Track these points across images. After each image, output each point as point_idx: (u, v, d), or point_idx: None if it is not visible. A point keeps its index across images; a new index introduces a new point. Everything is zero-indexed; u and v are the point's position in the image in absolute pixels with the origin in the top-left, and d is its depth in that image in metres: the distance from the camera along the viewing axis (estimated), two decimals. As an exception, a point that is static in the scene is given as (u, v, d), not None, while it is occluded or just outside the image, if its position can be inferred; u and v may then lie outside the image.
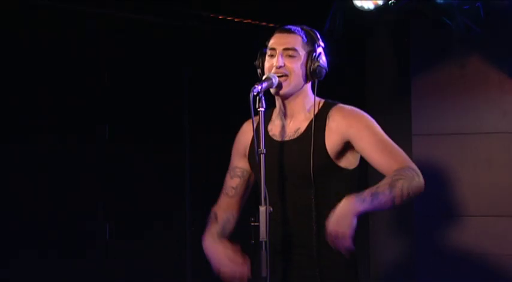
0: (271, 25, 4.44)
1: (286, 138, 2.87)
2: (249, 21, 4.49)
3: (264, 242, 2.57)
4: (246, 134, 3.01)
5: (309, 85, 2.89)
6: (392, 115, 4.55)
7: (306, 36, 2.86)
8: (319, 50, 2.87)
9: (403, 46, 4.54)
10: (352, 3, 4.05)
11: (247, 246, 2.74)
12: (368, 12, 4.05)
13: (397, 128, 4.55)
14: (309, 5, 4.34)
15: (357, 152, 2.84)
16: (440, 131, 4.46)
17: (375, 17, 4.14)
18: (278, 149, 2.85)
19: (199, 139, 4.41)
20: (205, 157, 4.39)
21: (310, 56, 2.84)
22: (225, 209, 3.02)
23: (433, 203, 4.46)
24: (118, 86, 4.19)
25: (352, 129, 2.80)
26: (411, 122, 4.51)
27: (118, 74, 4.18)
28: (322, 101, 2.90)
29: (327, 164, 2.80)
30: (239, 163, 3.02)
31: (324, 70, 2.87)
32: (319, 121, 2.83)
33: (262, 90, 2.69)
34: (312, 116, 2.84)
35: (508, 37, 4.27)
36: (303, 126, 2.85)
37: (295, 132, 2.86)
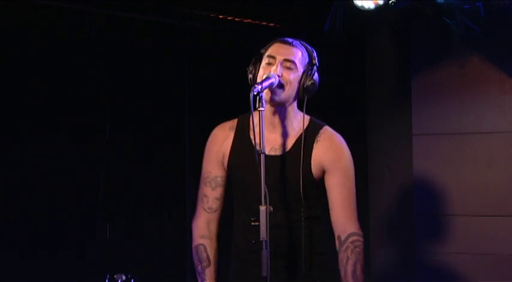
0: (271, 25, 4.45)
1: (272, 152, 2.88)
2: (249, 21, 4.48)
3: (264, 242, 2.57)
4: (220, 141, 2.99)
5: (296, 101, 2.91)
6: (393, 115, 4.56)
7: (305, 53, 2.89)
8: (315, 68, 2.89)
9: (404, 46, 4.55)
10: (353, 2, 4.05)
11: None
12: (368, 11, 4.05)
13: (397, 128, 4.56)
14: (309, 5, 4.34)
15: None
16: (440, 131, 4.47)
17: (376, 16, 4.15)
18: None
19: (199, 140, 4.39)
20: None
21: (306, 72, 2.86)
22: (209, 232, 3.01)
23: (433, 203, 4.46)
24: (118, 86, 4.18)
25: (332, 165, 2.89)
26: (411, 122, 4.51)
27: (118, 74, 4.18)
28: (308, 118, 2.92)
29: (312, 183, 2.87)
30: (218, 172, 2.99)
31: (315, 89, 2.89)
32: (307, 141, 2.87)
33: (262, 89, 2.69)
34: (299, 133, 2.88)
35: (508, 37, 4.27)
36: (290, 142, 2.89)
37: (281, 146, 2.88)
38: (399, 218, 4.61)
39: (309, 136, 2.88)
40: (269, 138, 2.87)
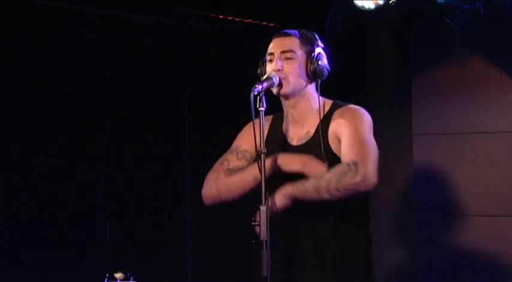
0: (271, 25, 4.45)
1: (299, 142, 2.86)
2: (249, 21, 4.49)
3: (264, 242, 2.57)
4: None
5: (312, 86, 2.87)
6: (393, 115, 4.56)
7: (303, 38, 2.86)
8: (318, 50, 2.85)
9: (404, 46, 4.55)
10: (353, 2, 4.05)
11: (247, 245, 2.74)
12: (368, 11, 4.05)
13: (397, 128, 4.56)
14: (309, 5, 4.34)
15: None
16: (440, 131, 4.47)
17: (376, 16, 4.15)
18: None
19: (200, 141, 4.41)
20: (206, 159, 4.38)
21: (309, 56, 2.83)
22: None
23: (433, 203, 4.46)
24: (118, 86, 4.18)
25: (340, 126, 2.78)
26: (411, 122, 4.51)
27: (118, 73, 4.18)
28: (331, 102, 2.89)
29: (335, 161, 2.76)
30: (249, 147, 2.90)
31: (325, 69, 2.85)
32: (325, 123, 2.82)
33: (262, 89, 2.68)
34: (321, 117, 2.84)
35: (508, 37, 4.27)
36: (313, 129, 2.84)
37: (306, 135, 2.86)
38: (399, 218, 4.61)
39: (327, 117, 2.83)
40: (295, 132, 2.87)
